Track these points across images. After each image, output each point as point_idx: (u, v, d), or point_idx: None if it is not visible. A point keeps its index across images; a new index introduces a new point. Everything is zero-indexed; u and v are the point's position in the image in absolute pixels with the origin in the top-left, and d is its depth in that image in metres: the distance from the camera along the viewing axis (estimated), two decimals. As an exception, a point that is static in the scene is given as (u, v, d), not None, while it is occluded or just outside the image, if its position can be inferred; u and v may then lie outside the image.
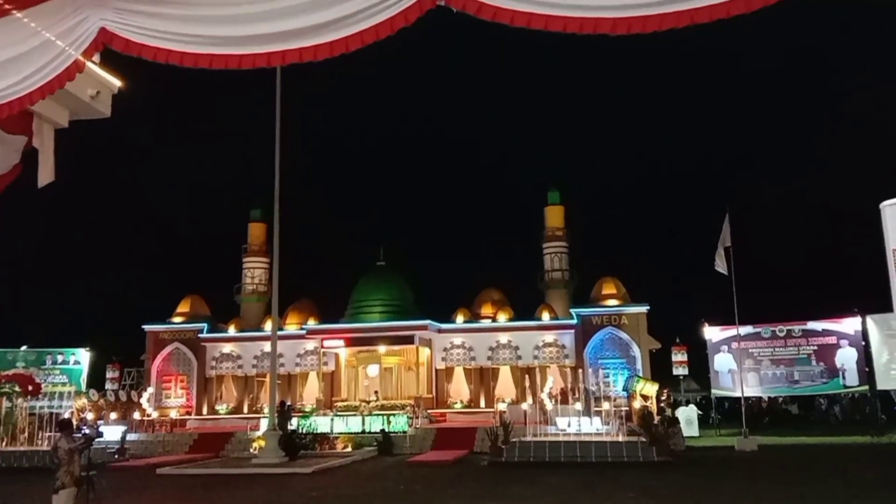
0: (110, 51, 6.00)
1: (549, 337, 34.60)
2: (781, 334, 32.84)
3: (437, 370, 35.08)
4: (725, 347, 33.14)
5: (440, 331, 34.87)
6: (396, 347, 33.75)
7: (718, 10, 5.01)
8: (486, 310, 36.24)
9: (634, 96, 76.14)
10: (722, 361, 33.31)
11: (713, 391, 34.05)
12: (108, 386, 36.37)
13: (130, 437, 28.61)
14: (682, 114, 73.59)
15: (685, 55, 61.55)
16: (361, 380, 34.75)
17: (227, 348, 37.07)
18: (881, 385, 30.44)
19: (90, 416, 30.04)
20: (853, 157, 59.58)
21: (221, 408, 36.08)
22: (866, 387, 31.46)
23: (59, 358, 38.22)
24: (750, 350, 32.62)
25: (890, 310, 14.82)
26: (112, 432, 27.56)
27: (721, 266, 27.50)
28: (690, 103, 71.55)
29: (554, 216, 38.24)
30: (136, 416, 31.89)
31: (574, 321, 33.97)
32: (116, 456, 25.84)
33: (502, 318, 35.40)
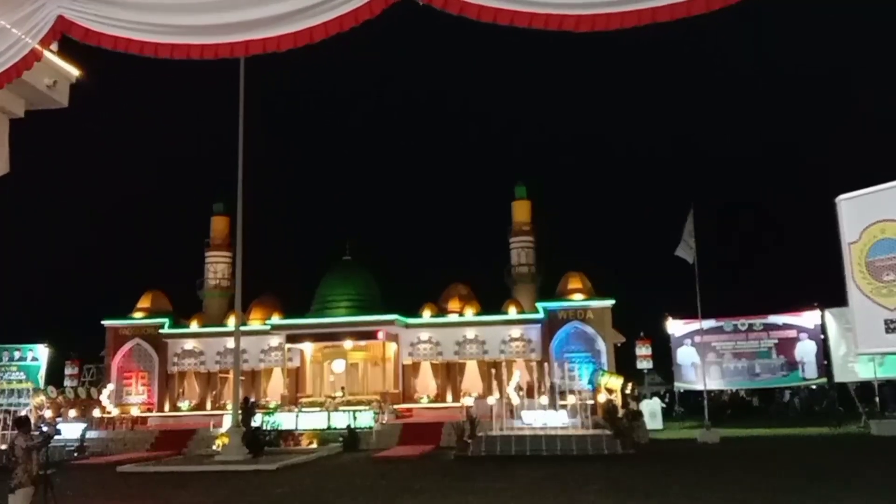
0: (68, 39, 5.85)
1: (515, 331, 34.77)
2: (743, 328, 33.45)
3: (403, 365, 35.03)
4: (688, 341, 33.65)
5: (407, 326, 34.83)
6: (363, 343, 33.60)
7: (679, 9, 5.09)
8: (453, 304, 36.27)
9: (601, 93, 76.71)
10: (685, 355, 33.83)
11: (676, 384, 34.56)
12: (67, 383, 35.73)
13: (90, 434, 28.11)
14: (650, 111, 74.49)
15: (650, 53, 62.23)
16: (327, 375, 34.55)
17: (190, 344, 36.54)
18: (839, 378, 31.18)
19: (48, 413, 29.44)
20: (814, 151, 60.83)
21: (184, 404, 35.63)
22: (824, 379, 32.21)
23: (17, 354, 37.40)
24: (712, 344, 33.17)
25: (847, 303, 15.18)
26: (71, 430, 27.02)
27: (685, 254, 27.81)
28: (657, 101, 72.44)
29: (521, 211, 38.38)
30: (96, 413, 31.32)
31: (540, 315, 34.19)
32: (76, 454, 25.39)
33: (469, 313, 35.47)
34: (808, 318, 32.42)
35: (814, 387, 34.30)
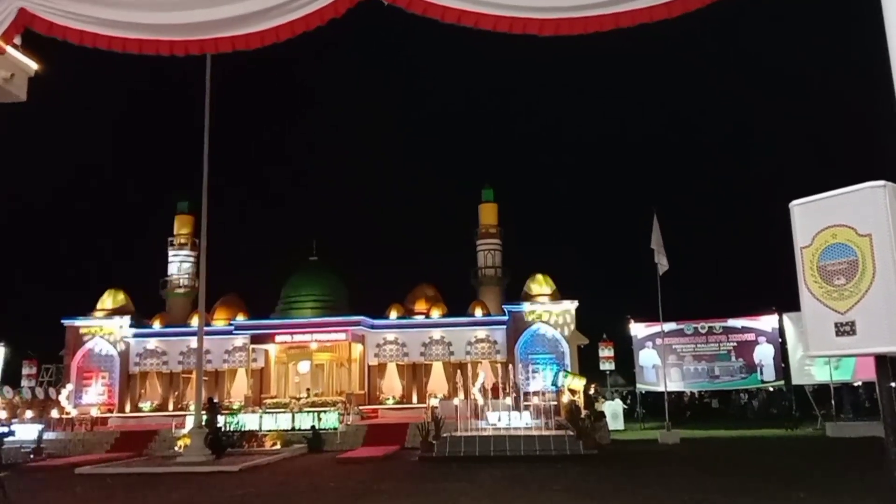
0: (29, 30, 5.78)
1: (481, 333, 34.94)
2: (703, 331, 34.00)
3: (369, 366, 34.97)
4: (650, 343, 34.10)
5: (373, 327, 34.76)
6: (328, 343, 33.49)
7: (641, 15, 5.22)
8: (420, 306, 36.32)
9: (566, 97, 77.49)
10: (647, 357, 34.28)
11: (638, 386, 35.01)
12: (24, 383, 34.92)
13: (48, 435, 27.55)
14: (615, 112, 75.36)
15: (614, 56, 62.99)
16: (292, 376, 34.35)
17: (152, 344, 36.03)
18: (796, 380, 31.85)
19: (3, 414, 28.81)
20: (771, 157, 62.13)
21: (145, 405, 35.10)
22: (782, 382, 32.90)
23: (-29, 354, 36.44)
24: (673, 346, 33.67)
25: (804, 307, 15.51)
26: (28, 431, 26.56)
27: (661, 262, 28.06)
28: (620, 104, 73.30)
29: (488, 213, 38.63)
30: (55, 413, 30.72)
31: (506, 317, 34.40)
32: (32, 455, 24.89)
33: (436, 314, 35.55)
34: (766, 322, 33.09)
35: (771, 389, 35.02)
